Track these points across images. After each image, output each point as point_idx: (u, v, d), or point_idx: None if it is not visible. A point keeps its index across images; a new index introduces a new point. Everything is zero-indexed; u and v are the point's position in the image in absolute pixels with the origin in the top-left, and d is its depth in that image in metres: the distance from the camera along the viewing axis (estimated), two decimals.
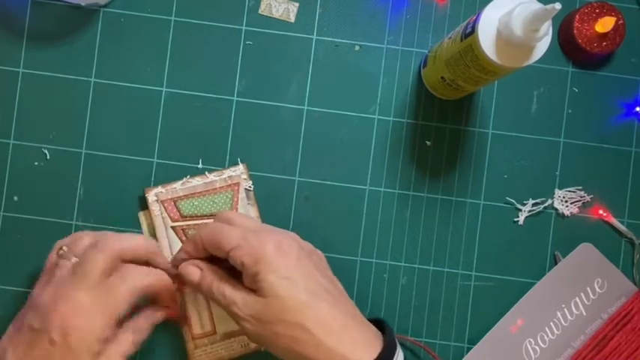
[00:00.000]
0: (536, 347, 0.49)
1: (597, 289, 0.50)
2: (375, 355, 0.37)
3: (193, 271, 0.43)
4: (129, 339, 0.41)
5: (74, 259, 0.41)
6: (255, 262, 0.39)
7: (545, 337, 0.49)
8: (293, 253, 0.39)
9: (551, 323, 0.49)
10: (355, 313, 0.40)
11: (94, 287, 0.39)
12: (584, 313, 0.50)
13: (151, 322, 0.43)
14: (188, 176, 0.49)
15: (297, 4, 0.50)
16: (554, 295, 0.50)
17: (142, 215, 0.49)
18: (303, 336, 0.37)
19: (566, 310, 0.50)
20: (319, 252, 0.43)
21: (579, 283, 0.50)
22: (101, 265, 0.40)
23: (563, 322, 0.49)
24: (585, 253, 0.50)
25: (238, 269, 0.40)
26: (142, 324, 0.43)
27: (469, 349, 0.49)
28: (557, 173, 0.51)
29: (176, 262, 0.44)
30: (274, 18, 0.50)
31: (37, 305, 0.39)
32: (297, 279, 0.38)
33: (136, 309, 0.42)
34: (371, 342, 0.38)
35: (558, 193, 0.51)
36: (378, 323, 0.41)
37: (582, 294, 0.50)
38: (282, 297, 0.38)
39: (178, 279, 0.44)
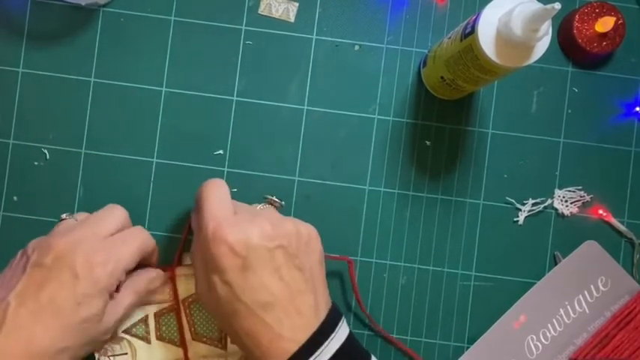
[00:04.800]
0: (538, 344, 0.49)
1: (601, 287, 0.50)
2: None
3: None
4: (129, 292, 0.43)
5: (79, 218, 0.44)
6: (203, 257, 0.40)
7: (548, 334, 0.49)
8: (239, 259, 0.39)
9: (554, 320, 0.49)
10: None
11: (106, 237, 0.42)
12: (587, 311, 0.50)
13: (146, 280, 0.45)
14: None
15: (296, 4, 0.50)
16: (557, 293, 0.49)
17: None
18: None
19: (569, 307, 0.50)
20: (307, 231, 0.41)
21: (583, 280, 0.50)
22: (116, 220, 0.43)
23: (565, 319, 0.49)
24: (590, 250, 0.50)
25: None
26: (140, 280, 0.44)
27: (469, 349, 0.49)
28: (557, 173, 0.51)
29: None
30: (274, 18, 0.50)
31: (47, 247, 0.40)
32: (237, 287, 0.39)
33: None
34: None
35: (558, 192, 0.51)
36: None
37: (586, 292, 0.50)
38: (223, 300, 0.39)
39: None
